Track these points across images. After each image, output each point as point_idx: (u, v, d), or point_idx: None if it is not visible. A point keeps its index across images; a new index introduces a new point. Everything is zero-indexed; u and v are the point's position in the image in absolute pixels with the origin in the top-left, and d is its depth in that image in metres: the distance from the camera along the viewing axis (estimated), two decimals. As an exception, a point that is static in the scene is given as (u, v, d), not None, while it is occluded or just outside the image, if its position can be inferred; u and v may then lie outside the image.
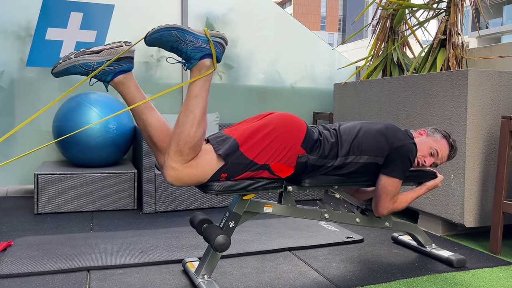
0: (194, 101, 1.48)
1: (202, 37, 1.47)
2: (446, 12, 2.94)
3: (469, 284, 1.79)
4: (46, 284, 1.70)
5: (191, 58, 1.48)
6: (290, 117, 1.68)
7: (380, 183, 1.81)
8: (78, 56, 1.48)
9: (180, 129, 1.46)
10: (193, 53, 1.47)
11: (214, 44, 1.49)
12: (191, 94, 1.49)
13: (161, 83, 3.69)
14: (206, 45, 1.47)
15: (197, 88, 1.49)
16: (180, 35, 1.44)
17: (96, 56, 1.50)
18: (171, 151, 1.47)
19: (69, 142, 2.91)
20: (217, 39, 1.50)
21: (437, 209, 2.46)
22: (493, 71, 2.28)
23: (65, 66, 1.47)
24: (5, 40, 3.28)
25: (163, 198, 2.87)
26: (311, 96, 4.21)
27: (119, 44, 1.54)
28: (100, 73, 1.51)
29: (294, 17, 4.12)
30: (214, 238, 1.55)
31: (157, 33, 1.42)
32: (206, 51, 1.48)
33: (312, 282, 1.77)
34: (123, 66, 1.54)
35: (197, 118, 1.47)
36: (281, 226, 2.55)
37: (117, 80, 1.54)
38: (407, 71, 3.23)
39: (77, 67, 1.48)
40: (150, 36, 1.42)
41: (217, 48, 1.50)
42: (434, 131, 1.94)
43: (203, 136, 1.50)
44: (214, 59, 1.50)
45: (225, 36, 1.54)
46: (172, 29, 1.43)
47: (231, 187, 1.58)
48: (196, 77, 1.49)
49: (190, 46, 1.46)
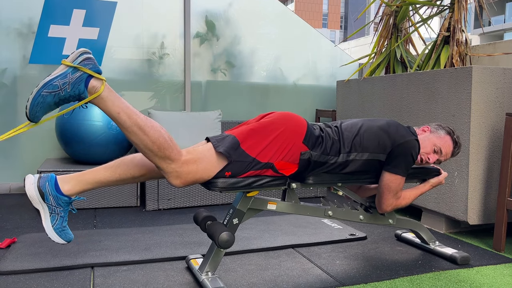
0: (123, 117, 1.41)
1: (68, 70, 1.37)
2: (449, 9, 2.93)
3: (473, 281, 1.79)
4: (50, 280, 1.70)
5: (79, 94, 1.38)
6: (290, 115, 1.68)
7: (383, 180, 1.81)
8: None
9: (140, 146, 1.44)
10: (76, 89, 1.37)
11: (82, 65, 1.38)
12: (114, 116, 1.42)
13: (164, 80, 3.69)
14: (77, 73, 1.37)
15: (113, 108, 1.42)
16: (51, 89, 1.34)
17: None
18: (158, 164, 1.48)
19: (71, 139, 2.92)
20: (79, 59, 1.39)
21: (440, 206, 2.45)
22: (497, 68, 2.27)
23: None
24: (8, 38, 3.28)
25: (166, 195, 2.88)
26: (313, 93, 4.21)
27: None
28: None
29: (296, 14, 4.11)
30: (218, 235, 1.55)
31: (34, 106, 1.33)
32: (83, 78, 1.38)
33: (316, 279, 1.77)
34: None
35: (138, 126, 1.42)
36: (284, 223, 2.55)
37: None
38: (411, 68, 3.22)
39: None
40: (30, 114, 1.33)
41: (88, 65, 1.39)
42: (438, 128, 1.93)
43: (161, 134, 1.45)
44: (95, 74, 1.40)
45: (82, 49, 1.42)
46: (40, 91, 1.33)
47: (235, 184, 1.58)
48: (90, 98, 1.40)
49: (68, 87, 1.36)
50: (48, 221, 1.48)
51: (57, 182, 1.49)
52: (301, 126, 1.66)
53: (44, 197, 1.47)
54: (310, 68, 4.18)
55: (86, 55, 1.41)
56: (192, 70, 3.77)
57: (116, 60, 3.55)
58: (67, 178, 1.52)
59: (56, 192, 1.47)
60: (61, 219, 1.49)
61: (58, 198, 1.47)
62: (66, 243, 1.51)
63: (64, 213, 1.50)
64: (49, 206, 1.47)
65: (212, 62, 3.85)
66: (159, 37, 3.66)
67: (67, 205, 1.50)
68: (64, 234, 1.50)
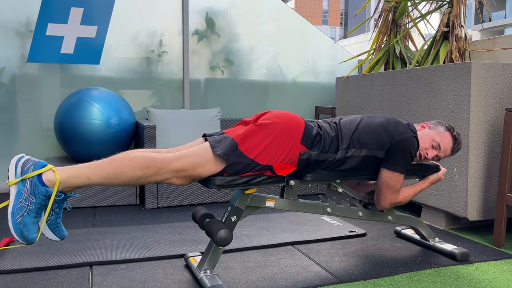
0: (95, 179, 1.42)
1: (18, 187, 1.35)
2: (449, 4, 2.91)
3: (472, 277, 1.79)
4: (48, 279, 1.70)
5: (45, 195, 1.36)
6: (287, 115, 1.67)
7: (382, 177, 1.80)
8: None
9: (129, 184, 1.46)
10: (39, 194, 1.35)
11: (24, 173, 1.36)
12: (87, 183, 1.42)
13: (163, 78, 3.68)
14: (27, 182, 1.36)
15: (80, 180, 1.41)
16: (20, 213, 1.33)
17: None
18: (155, 181, 1.48)
19: (71, 138, 2.91)
20: (19, 170, 1.37)
21: (440, 202, 2.44)
22: (496, 63, 2.26)
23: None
24: (6, 36, 3.28)
25: (165, 193, 2.87)
26: (313, 90, 4.20)
27: None
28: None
29: (296, 11, 4.10)
30: (216, 232, 1.55)
31: (23, 234, 1.33)
32: (34, 182, 1.36)
33: (315, 276, 1.76)
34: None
35: (111, 174, 1.43)
36: (283, 220, 2.54)
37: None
38: (410, 64, 3.21)
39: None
40: (26, 241, 1.33)
41: (29, 168, 1.37)
42: (437, 124, 1.92)
43: (136, 160, 1.44)
44: (41, 170, 1.37)
45: (13, 160, 1.39)
46: (13, 222, 1.33)
47: (232, 182, 1.57)
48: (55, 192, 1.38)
49: (32, 199, 1.35)
50: None
51: None
52: (298, 125, 1.65)
53: None
54: (309, 65, 4.17)
55: (20, 161, 1.39)
56: (190, 68, 3.76)
57: (114, 59, 3.54)
58: None
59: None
60: (55, 214, 1.45)
61: None
62: (59, 240, 1.48)
63: (59, 209, 1.46)
64: None
65: (211, 60, 3.84)
66: (158, 35, 3.65)
67: (62, 201, 1.46)
68: (57, 231, 1.46)
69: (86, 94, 2.98)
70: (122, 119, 3.00)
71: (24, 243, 1.35)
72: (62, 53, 3.35)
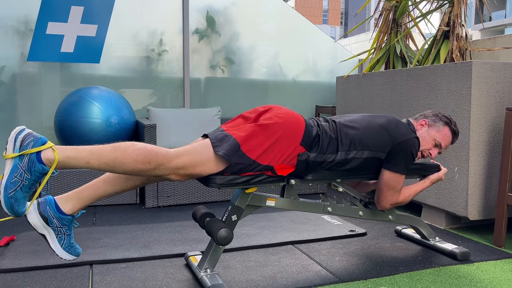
0: (94, 163, 1.38)
1: (15, 162, 1.33)
2: (449, 4, 2.91)
3: (473, 277, 1.78)
4: (49, 278, 1.70)
5: (41, 172, 1.34)
6: (289, 114, 1.65)
7: (383, 178, 1.80)
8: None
9: (128, 172, 1.44)
10: (34, 171, 1.33)
11: (23, 148, 1.33)
12: (85, 166, 1.38)
13: (163, 77, 3.67)
14: (25, 158, 1.33)
15: (79, 162, 1.37)
16: (13, 187, 1.31)
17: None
18: (155, 175, 1.47)
19: (71, 137, 2.91)
20: (18, 144, 1.34)
21: (440, 202, 2.44)
22: (497, 63, 2.26)
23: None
24: (6, 35, 3.27)
25: (165, 192, 2.87)
26: (313, 89, 4.19)
27: None
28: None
29: (296, 10, 4.09)
30: (216, 231, 1.54)
31: (12, 207, 1.32)
32: (32, 159, 1.33)
33: (315, 275, 1.76)
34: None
35: (112, 161, 1.39)
36: (283, 219, 2.54)
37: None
38: (410, 63, 3.21)
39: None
40: (14, 213, 1.33)
41: (29, 143, 1.34)
42: (436, 119, 1.91)
43: (138, 152, 1.42)
44: (41, 148, 1.34)
45: (13, 131, 1.36)
46: (5, 195, 1.31)
47: (233, 181, 1.57)
48: (52, 170, 1.35)
49: (27, 175, 1.32)
50: (55, 242, 1.47)
51: (57, 203, 1.47)
52: (300, 126, 1.64)
53: (48, 222, 1.45)
54: (309, 64, 4.16)
55: (21, 135, 1.35)
56: (191, 66, 3.76)
57: (114, 58, 3.53)
58: (66, 197, 1.50)
59: (59, 214, 1.46)
60: (67, 237, 1.49)
61: (62, 218, 1.46)
62: (76, 258, 1.52)
63: (69, 230, 1.50)
64: (54, 229, 1.46)
65: (211, 59, 3.83)
66: (158, 33, 3.64)
67: (71, 223, 1.50)
68: (73, 250, 1.51)
69: (86, 93, 2.98)
70: (122, 118, 3.00)
71: (12, 216, 1.35)
72: (62, 51, 3.34)
